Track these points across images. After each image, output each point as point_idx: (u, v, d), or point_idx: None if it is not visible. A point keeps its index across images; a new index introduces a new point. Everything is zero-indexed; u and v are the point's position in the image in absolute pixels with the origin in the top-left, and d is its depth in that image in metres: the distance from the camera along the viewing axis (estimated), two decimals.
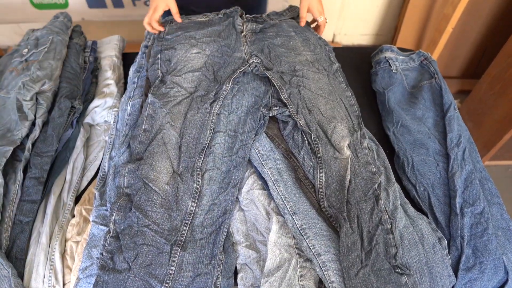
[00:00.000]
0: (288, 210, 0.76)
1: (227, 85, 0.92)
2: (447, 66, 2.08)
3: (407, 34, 2.03)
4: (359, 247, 0.72)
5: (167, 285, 0.69)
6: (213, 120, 0.88)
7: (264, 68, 0.96)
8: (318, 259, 0.71)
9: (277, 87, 0.93)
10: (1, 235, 0.76)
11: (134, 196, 0.76)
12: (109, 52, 1.16)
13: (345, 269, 0.69)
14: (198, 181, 0.80)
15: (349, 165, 0.82)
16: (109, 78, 1.09)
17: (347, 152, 0.85)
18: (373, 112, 1.08)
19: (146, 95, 0.92)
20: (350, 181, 0.80)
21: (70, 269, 0.77)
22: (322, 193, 0.80)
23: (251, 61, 0.97)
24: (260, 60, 0.97)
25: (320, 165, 0.83)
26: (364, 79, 1.18)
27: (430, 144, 0.94)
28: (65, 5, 1.74)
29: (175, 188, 0.78)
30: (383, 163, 0.87)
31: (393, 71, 1.09)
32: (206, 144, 0.84)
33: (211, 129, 0.87)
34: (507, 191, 1.77)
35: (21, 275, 0.75)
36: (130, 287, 0.68)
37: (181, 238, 0.74)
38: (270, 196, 0.80)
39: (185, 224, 0.75)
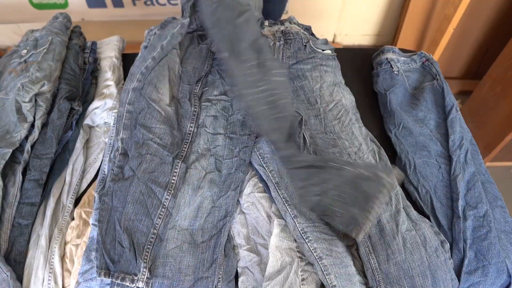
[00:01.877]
0: (289, 213, 0.75)
1: None
2: (448, 66, 2.08)
3: (408, 34, 2.02)
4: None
5: (169, 192, 0.74)
6: (210, 55, 0.98)
7: None
8: (319, 263, 0.70)
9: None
10: (0, 238, 0.76)
11: (138, 115, 0.82)
12: (109, 53, 1.15)
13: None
14: (196, 105, 0.88)
15: None
16: (109, 79, 1.08)
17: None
18: (375, 114, 1.08)
19: None
20: None
21: (70, 272, 0.76)
22: None
23: None
24: None
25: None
26: (365, 80, 1.17)
27: (432, 146, 0.93)
28: (65, 5, 1.73)
29: (175, 111, 0.86)
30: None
31: (395, 72, 1.09)
32: (203, 74, 0.94)
33: (209, 63, 0.96)
34: (509, 193, 1.76)
35: (20, 279, 0.74)
36: (133, 191, 0.73)
37: (182, 153, 0.81)
38: (272, 199, 0.79)
39: (186, 142, 0.83)
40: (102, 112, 1.00)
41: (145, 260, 0.68)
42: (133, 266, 0.68)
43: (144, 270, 0.67)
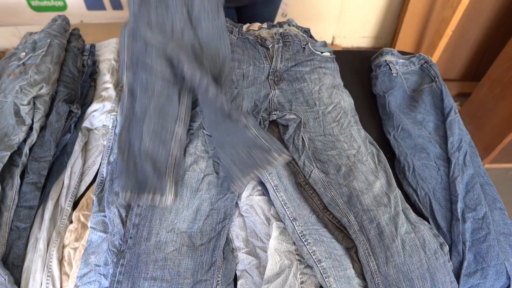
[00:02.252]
0: (288, 216, 0.75)
1: None
2: (447, 68, 2.09)
3: (406, 36, 2.03)
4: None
5: (179, 123, 0.80)
6: None
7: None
8: (319, 265, 0.70)
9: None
10: None
11: (138, 60, 0.80)
12: (108, 55, 1.15)
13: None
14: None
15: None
16: (107, 81, 1.08)
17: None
18: (373, 116, 1.08)
19: None
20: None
21: (68, 276, 0.76)
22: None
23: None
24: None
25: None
26: (364, 82, 1.17)
27: (431, 149, 0.93)
28: (64, 7, 1.73)
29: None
30: (384, 168, 0.86)
31: (394, 74, 1.09)
32: None
33: None
34: (508, 194, 1.76)
35: (18, 282, 0.73)
36: (146, 130, 0.76)
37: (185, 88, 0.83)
38: (270, 202, 0.79)
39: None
40: (100, 115, 1.00)
41: (169, 180, 0.74)
42: (159, 185, 0.73)
43: (171, 188, 0.74)
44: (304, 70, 1.02)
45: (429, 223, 0.83)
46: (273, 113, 0.91)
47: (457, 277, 0.76)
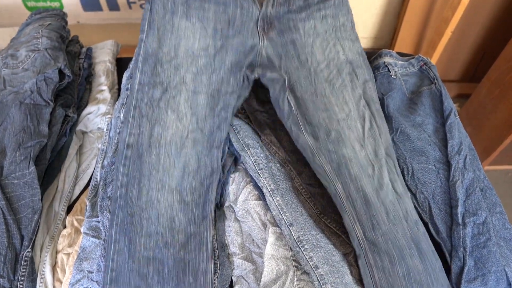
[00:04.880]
0: (284, 221, 0.74)
1: None
2: (446, 69, 2.07)
3: (405, 37, 2.02)
4: None
5: None
6: None
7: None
8: (315, 272, 0.69)
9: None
10: None
11: None
12: (103, 57, 1.14)
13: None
14: None
15: None
16: (102, 84, 1.07)
17: None
18: None
19: None
20: None
21: (61, 282, 0.75)
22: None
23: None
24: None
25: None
26: None
27: (430, 152, 0.92)
28: (60, 8, 1.72)
29: None
30: (374, 135, 0.83)
31: (392, 76, 1.08)
32: None
33: None
34: (507, 196, 1.75)
35: None
36: None
37: None
38: (267, 207, 0.78)
39: None
40: (95, 117, 0.99)
41: None
42: None
43: None
44: (298, 18, 0.87)
45: (428, 227, 0.82)
46: (257, 70, 0.87)
47: (458, 283, 0.74)
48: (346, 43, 0.90)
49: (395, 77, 1.08)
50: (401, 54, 1.15)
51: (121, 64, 1.18)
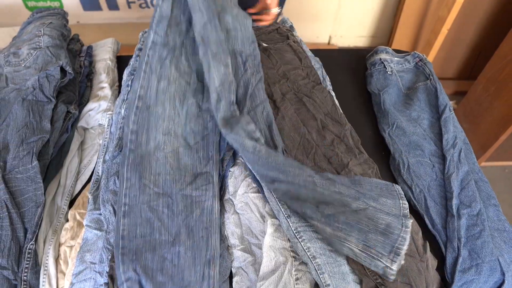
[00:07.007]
0: (283, 212, 0.75)
1: None
2: (443, 67, 2.09)
3: (402, 36, 2.03)
4: None
5: None
6: None
7: None
8: (313, 262, 0.70)
9: None
10: None
11: None
12: (103, 55, 1.15)
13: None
14: None
15: None
16: (103, 81, 1.08)
17: None
18: (369, 114, 1.08)
19: None
20: None
21: (64, 274, 0.76)
22: None
23: None
24: None
25: None
26: (360, 81, 1.18)
27: (425, 146, 0.94)
28: (60, 8, 1.73)
29: None
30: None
31: (388, 72, 1.09)
32: None
33: None
34: (504, 192, 1.77)
35: None
36: None
37: None
38: (265, 199, 0.79)
39: None
40: (96, 114, 1.00)
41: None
42: None
43: None
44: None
45: (423, 219, 0.84)
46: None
47: (452, 273, 0.76)
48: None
49: (391, 73, 1.09)
50: (397, 51, 1.17)
51: (121, 61, 1.19)
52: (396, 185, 0.78)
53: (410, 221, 0.69)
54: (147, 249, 0.71)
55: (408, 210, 0.73)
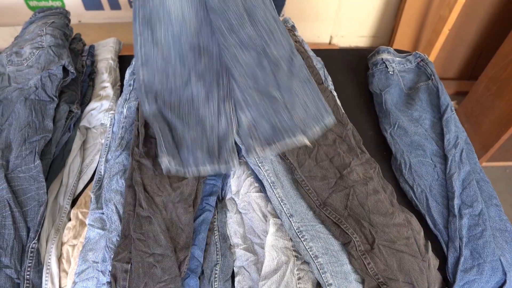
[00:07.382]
0: (285, 212, 0.75)
1: None
2: (444, 67, 2.09)
3: (404, 35, 2.03)
4: None
5: None
6: None
7: None
8: (315, 261, 0.70)
9: None
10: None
11: None
12: (105, 55, 1.16)
13: None
14: None
15: None
16: (105, 80, 1.08)
17: None
18: (370, 114, 1.08)
19: None
20: None
21: (67, 273, 0.76)
22: None
23: None
24: None
25: None
26: (361, 81, 1.18)
27: (427, 146, 0.94)
28: (61, 7, 1.74)
29: None
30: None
31: (390, 72, 1.10)
32: None
33: None
34: (506, 192, 1.77)
35: None
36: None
37: None
38: (267, 199, 0.80)
39: None
40: (98, 113, 1.01)
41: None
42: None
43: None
44: None
45: (425, 219, 0.84)
46: None
47: (454, 272, 0.76)
48: None
49: (392, 73, 1.09)
50: (398, 51, 1.17)
51: (123, 61, 1.19)
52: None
53: None
54: (165, 92, 0.82)
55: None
